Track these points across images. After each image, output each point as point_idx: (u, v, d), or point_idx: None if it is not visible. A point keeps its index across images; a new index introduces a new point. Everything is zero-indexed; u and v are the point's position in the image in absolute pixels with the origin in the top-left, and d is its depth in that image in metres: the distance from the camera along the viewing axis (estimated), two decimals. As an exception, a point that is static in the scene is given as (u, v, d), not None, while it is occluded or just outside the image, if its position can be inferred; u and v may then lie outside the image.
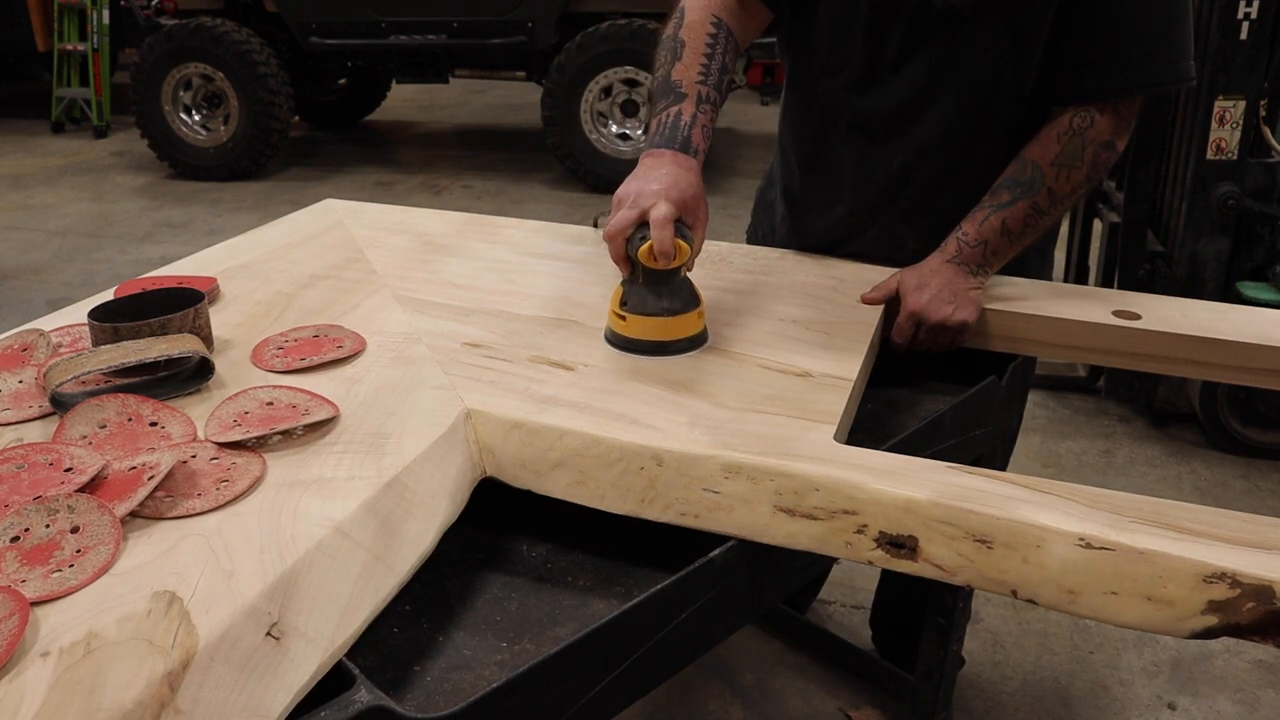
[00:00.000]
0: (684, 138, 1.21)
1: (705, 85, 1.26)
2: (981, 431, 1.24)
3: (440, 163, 6.33)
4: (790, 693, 1.96)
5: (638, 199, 1.12)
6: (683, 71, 1.27)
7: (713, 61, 1.28)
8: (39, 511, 0.80)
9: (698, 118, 1.23)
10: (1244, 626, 0.78)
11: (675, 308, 1.14)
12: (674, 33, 1.32)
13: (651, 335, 1.13)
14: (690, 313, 1.15)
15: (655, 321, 1.13)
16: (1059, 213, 1.31)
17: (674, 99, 1.25)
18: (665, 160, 1.18)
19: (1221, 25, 2.51)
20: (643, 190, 1.13)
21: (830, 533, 0.90)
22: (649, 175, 1.16)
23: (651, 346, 1.13)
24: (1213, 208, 2.66)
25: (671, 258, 1.09)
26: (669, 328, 1.13)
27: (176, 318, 1.09)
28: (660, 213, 1.09)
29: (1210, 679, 2.00)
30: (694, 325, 1.15)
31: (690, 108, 1.23)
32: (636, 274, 1.14)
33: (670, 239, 1.09)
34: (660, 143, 1.21)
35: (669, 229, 1.09)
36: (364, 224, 1.61)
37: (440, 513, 0.92)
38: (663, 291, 1.13)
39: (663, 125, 1.23)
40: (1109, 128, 1.27)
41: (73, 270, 4.42)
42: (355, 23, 5.73)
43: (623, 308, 1.15)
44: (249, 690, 0.70)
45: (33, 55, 7.43)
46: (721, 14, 1.33)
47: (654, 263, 1.10)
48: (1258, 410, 2.74)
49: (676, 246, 1.09)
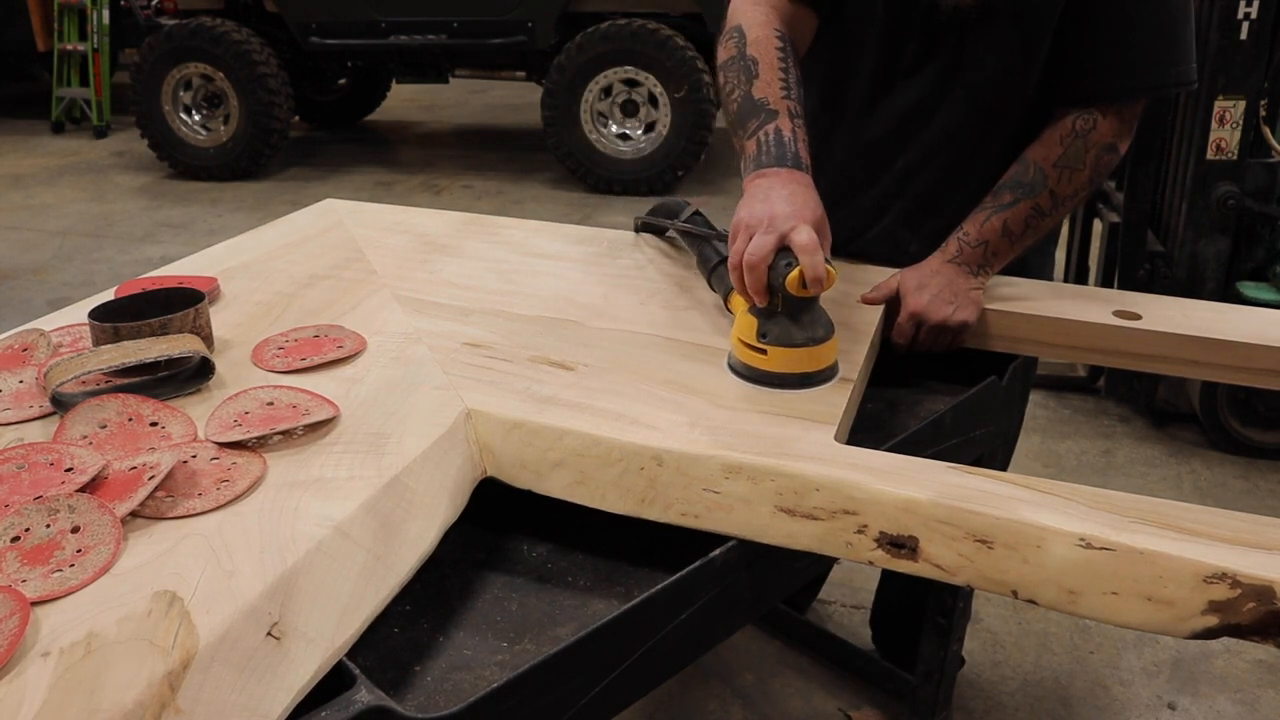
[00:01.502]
0: (794, 154, 1.15)
1: (790, 100, 1.21)
2: (982, 432, 1.24)
3: (440, 163, 6.33)
4: (790, 693, 1.96)
5: (772, 223, 1.05)
6: (764, 89, 1.21)
7: (789, 75, 1.23)
8: (39, 511, 0.80)
9: (797, 133, 1.18)
10: (1244, 626, 0.77)
11: (819, 336, 1.07)
12: (739, 52, 1.27)
13: (797, 368, 1.06)
14: (832, 340, 1.08)
15: (801, 353, 1.06)
16: (1060, 214, 1.31)
17: (765, 117, 1.19)
18: (784, 179, 1.11)
19: (1221, 25, 2.50)
20: (775, 214, 1.06)
21: (830, 533, 0.90)
22: (773, 197, 1.08)
23: (796, 380, 1.06)
24: (1213, 208, 2.66)
25: (824, 285, 1.03)
26: (814, 358, 1.07)
27: (176, 318, 1.09)
28: (805, 237, 1.02)
29: (1210, 679, 2.00)
30: (834, 353, 1.09)
31: (788, 123, 1.18)
32: (776, 303, 1.06)
33: (823, 265, 1.02)
34: (770, 162, 1.14)
35: (820, 254, 1.02)
36: (364, 224, 1.61)
37: (440, 513, 0.92)
38: (805, 321, 1.07)
39: (766, 144, 1.17)
40: (1111, 130, 1.28)
41: (73, 270, 4.42)
42: (355, 23, 5.73)
43: (762, 340, 1.07)
44: (249, 690, 0.70)
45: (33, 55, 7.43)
46: (781, 26, 1.29)
47: (803, 291, 1.03)
48: (1258, 410, 2.74)
49: (826, 273, 1.03)
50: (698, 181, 5.66)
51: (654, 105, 5.46)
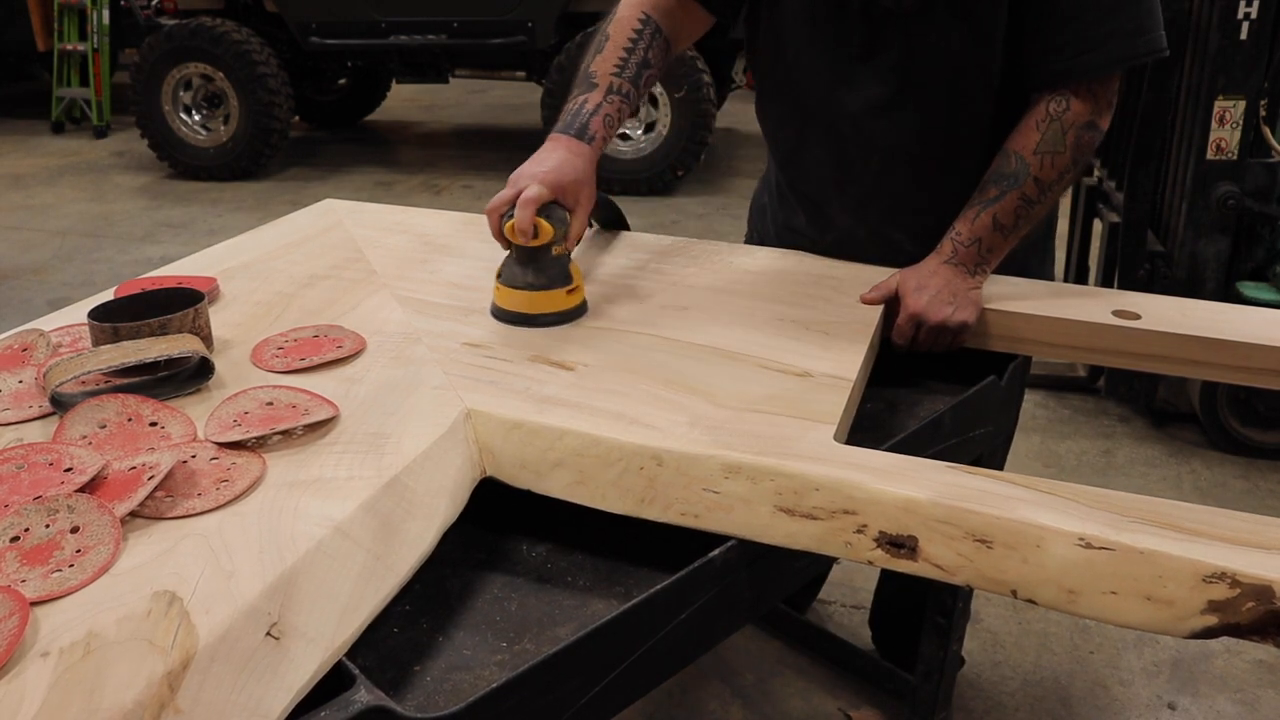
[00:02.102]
0: (581, 124, 1.27)
1: (619, 77, 1.32)
2: (981, 431, 1.24)
3: (440, 163, 6.33)
4: (790, 693, 1.96)
5: (518, 179, 1.20)
6: (600, 63, 1.33)
7: (632, 55, 1.33)
8: (39, 511, 0.80)
9: (602, 106, 1.29)
10: (1244, 626, 0.78)
11: (539, 284, 1.20)
12: (603, 28, 1.38)
13: (517, 307, 1.21)
14: (556, 290, 1.21)
15: (520, 294, 1.21)
16: (1049, 200, 1.31)
17: (585, 88, 1.31)
18: (559, 145, 1.25)
19: (1221, 25, 2.50)
20: (524, 172, 1.21)
21: (830, 533, 0.90)
22: (538, 159, 1.24)
23: (517, 317, 1.21)
24: (1213, 208, 2.66)
25: (530, 236, 1.17)
26: (533, 302, 1.20)
27: (176, 318, 1.09)
28: (528, 194, 1.17)
29: (1210, 679, 2.00)
30: (560, 302, 1.21)
31: (597, 97, 1.30)
32: (511, 248, 1.22)
33: (528, 218, 1.16)
34: (560, 128, 1.28)
35: (529, 209, 1.16)
36: (364, 224, 1.61)
37: (440, 513, 0.92)
38: (530, 268, 1.20)
39: (567, 113, 1.30)
40: (1087, 109, 1.27)
41: (73, 270, 4.42)
42: (355, 23, 5.73)
43: (498, 279, 1.23)
44: (249, 690, 0.70)
45: (33, 55, 7.43)
46: (652, 12, 1.37)
47: (516, 239, 1.19)
48: (1258, 410, 2.74)
49: (536, 226, 1.17)
50: (698, 181, 5.65)
51: (654, 105, 5.46)
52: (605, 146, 1.29)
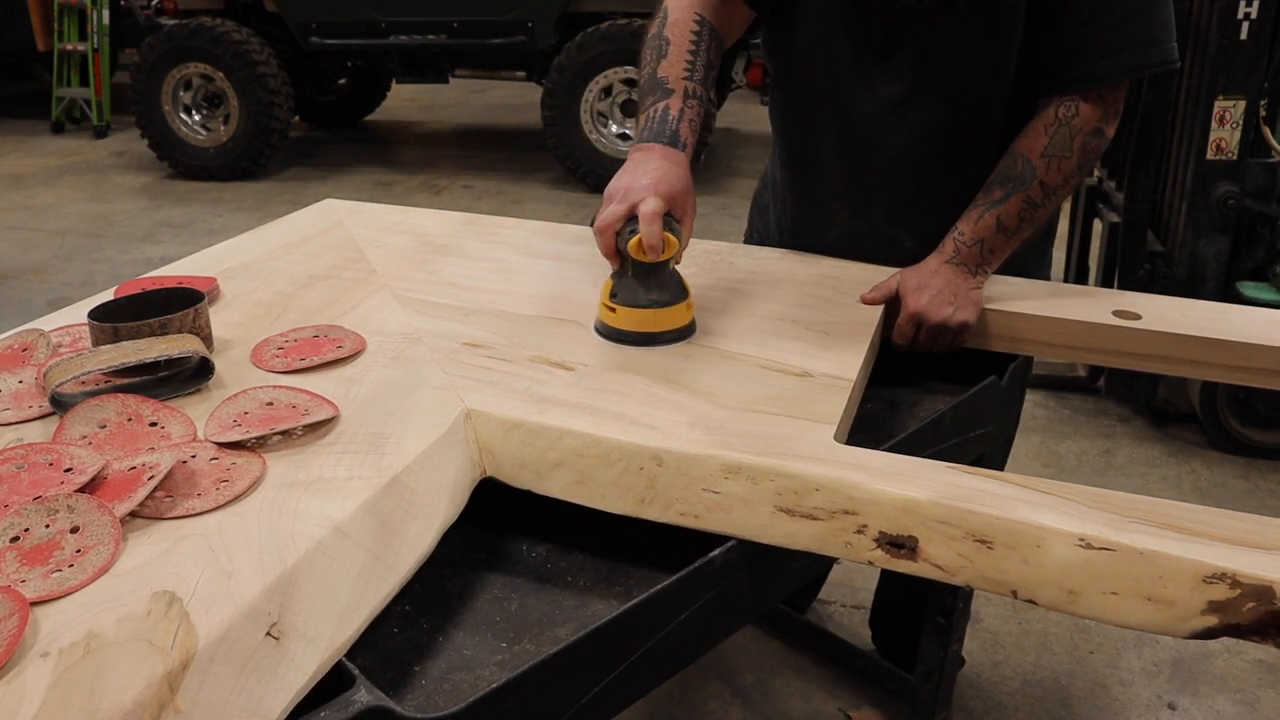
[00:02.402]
0: (672, 131, 1.23)
1: (691, 81, 1.28)
2: (981, 432, 1.24)
3: (440, 163, 6.33)
4: (790, 693, 1.96)
5: (627, 193, 1.14)
6: (669, 68, 1.29)
7: (698, 58, 1.30)
8: (39, 511, 0.80)
9: (685, 112, 1.25)
10: (1244, 627, 0.77)
11: (664, 300, 1.16)
12: (658, 31, 1.34)
13: (639, 327, 1.16)
14: (678, 305, 1.17)
15: (644, 314, 1.16)
16: (1053, 205, 1.31)
17: (661, 94, 1.27)
18: (654, 154, 1.20)
19: (1221, 25, 2.50)
20: (632, 185, 1.15)
21: (830, 533, 0.90)
22: (638, 170, 1.17)
23: (639, 338, 1.16)
24: (1213, 208, 2.66)
25: (660, 252, 1.12)
26: (657, 319, 1.16)
27: (176, 318, 1.09)
28: (649, 207, 1.11)
29: (1210, 679, 2.00)
30: (682, 317, 1.17)
31: (677, 102, 1.26)
32: (626, 267, 1.16)
33: (659, 233, 1.11)
34: (649, 137, 1.22)
35: (658, 223, 1.11)
36: (364, 224, 1.61)
37: (440, 513, 0.92)
38: (651, 284, 1.16)
39: (651, 120, 1.25)
40: (1095, 115, 1.27)
41: (73, 270, 4.42)
42: (355, 23, 5.73)
43: (612, 300, 1.17)
44: (249, 690, 0.70)
45: (33, 55, 7.42)
46: (704, 11, 1.35)
47: (643, 256, 1.13)
48: (1258, 410, 2.74)
49: (665, 240, 1.12)
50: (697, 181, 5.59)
51: (654, 105, 5.45)
52: (693, 152, 1.25)
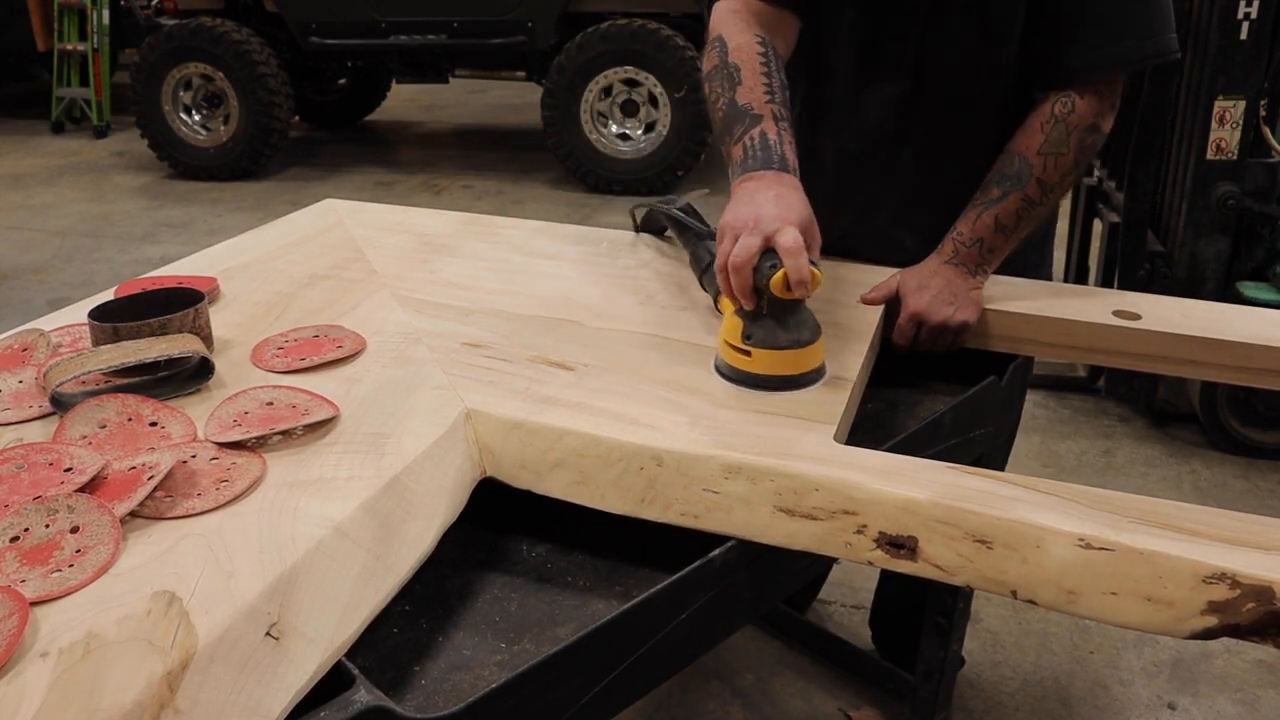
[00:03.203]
0: (780, 157, 1.14)
1: (774, 104, 1.21)
2: (982, 432, 1.24)
3: (440, 163, 6.33)
4: (790, 693, 1.96)
5: (758, 225, 1.04)
6: (747, 95, 1.21)
7: (773, 79, 1.23)
8: (39, 511, 0.80)
9: (783, 136, 1.18)
10: (1244, 627, 0.77)
11: (804, 339, 1.06)
12: (722, 60, 1.27)
13: (780, 370, 1.06)
14: (817, 343, 1.08)
15: (784, 355, 1.05)
16: (1051, 201, 1.31)
17: (750, 121, 1.19)
18: (770, 181, 1.11)
19: (1221, 25, 2.50)
20: (761, 215, 1.05)
21: (830, 533, 0.90)
22: (759, 199, 1.07)
23: (779, 382, 1.05)
24: (1213, 208, 2.66)
25: (809, 287, 1.02)
26: (798, 361, 1.06)
27: (176, 318, 1.09)
28: (791, 240, 1.01)
29: (1210, 679, 2.00)
30: (820, 356, 1.08)
31: (773, 127, 1.18)
32: (761, 305, 1.05)
33: (808, 267, 1.01)
34: (756, 165, 1.14)
35: (804, 256, 1.01)
36: (364, 224, 1.61)
37: (440, 513, 0.92)
38: (790, 323, 1.06)
39: (752, 148, 1.16)
40: (1092, 110, 1.27)
41: (73, 270, 4.42)
42: (355, 23, 5.73)
43: (746, 341, 1.06)
44: (248, 690, 0.70)
45: (33, 55, 7.42)
46: (762, 32, 1.30)
47: (787, 293, 1.02)
48: (1258, 410, 2.74)
49: (811, 275, 1.02)
50: (698, 182, 5.65)
51: (654, 105, 5.46)
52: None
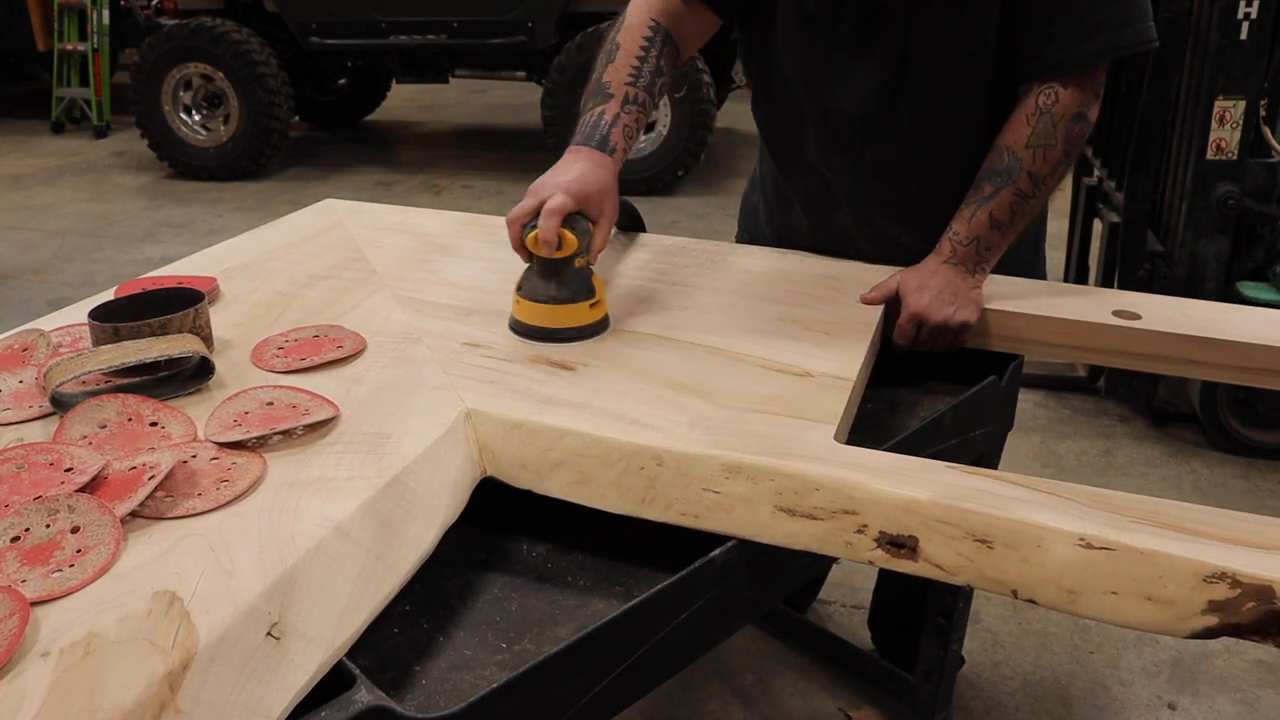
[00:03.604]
0: (602, 136, 1.25)
1: (634, 87, 1.31)
2: (981, 431, 1.24)
3: (440, 163, 6.33)
4: (790, 693, 1.96)
5: (540, 189, 1.17)
6: (614, 73, 1.32)
7: (645, 64, 1.33)
8: (39, 511, 0.80)
9: (620, 117, 1.28)
10: (1244, 626, 0.78)
11: (563, 297, 1.16)
12: (612, 36, 1.36)
13: (537, 321, 1.17)
14: (580, 303, 1.17)
15: (541, 308, 1.16)
16: (1044, 194, 1.31)
17: (601, 99, 1.30)
18: (580, 156, 1.23)
19: (1221, 25, 2.50)
20: (546, 182, 1.18)
21: (830, 533, 0.90)
22: (559, 169, 1.21)
23: (537, 332, 1.17)
24: (1213, 208, 2.66)
25: (554, 248, 1.13)
26: (555, 315, 1.16)
27: (176, 318, 1.09)
28: (552, 203, 1.14)
29: (1210, 679, 2.00)
30: (582, 316, 1.17)
31: (614, 108, 1.29)
32: (532, 260, 1.18)
33: (552, 229, 1.13)
34: (579, 140, 1.26)
35: (554, 219, 1.13)
36: (364, 224, 1.61)
37: (440, 513, 0.92)
38: (552, 281, 1.16)
39: (585, 124, 1.28)
40: (1076, 100, 1.27)
41: (73, 270, 4.42)
42: (355, 23, 5.73)
43: (517, 291, 1.19)
44: (249, 690, 0.70)
45: (33, 55, 7.42)
46: (660, 18, 1.36)
47: (539, 250, 1.14)
48: (1258, 410, 2.74)
49: (561, 237, 1.13)
50: (698, 181, 5.65)
51: (654, 105, 5.46)
52: (625, 157, 1.28)
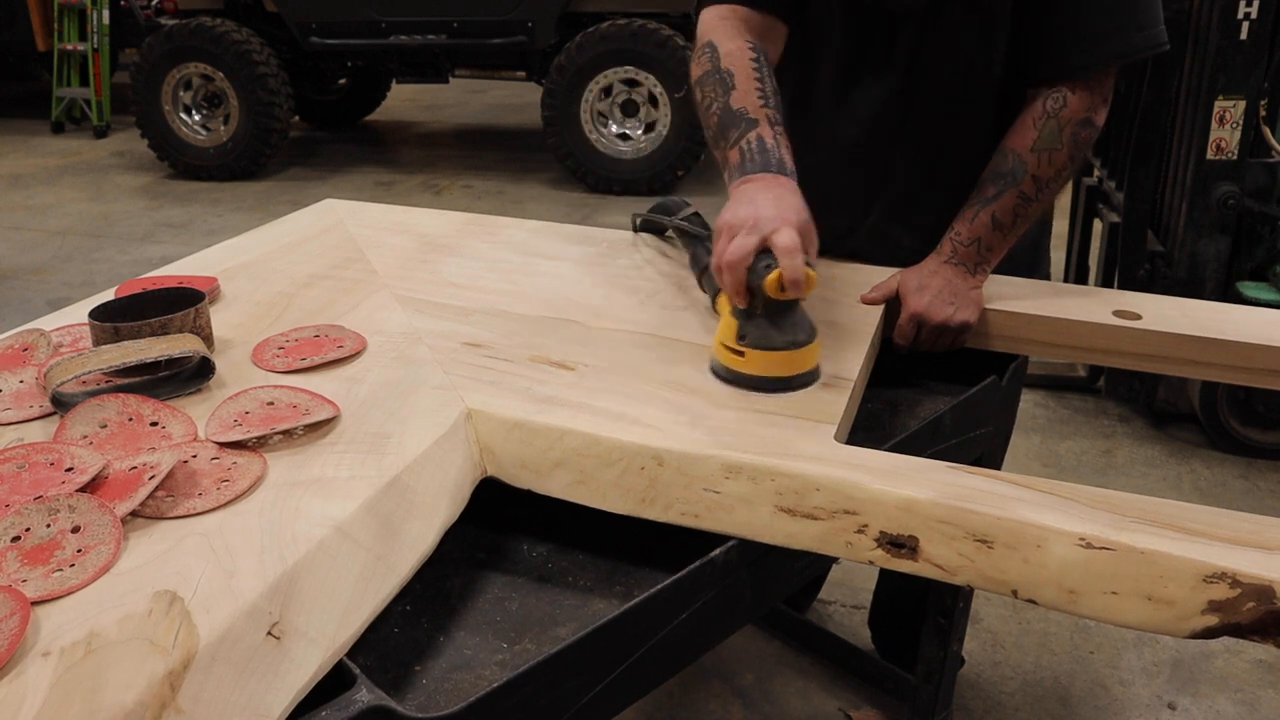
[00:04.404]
0: (778, 160, 1.16)
1: (769, 108, 1.22)
2: (982, 431, 1.24)
3: (440, 163, 6.33)
4: (790, 693, 1.96)
5: (756, 225, 1.04)
6: (742, 99, 1.22)
7: (765, 84, 1.24)
8: (40, 511, 0.80)
9: (779, 139, 1.19)
10: (1244, 626, 0.78)
11: (799, 340, 1.06)
12: (714, 66, 1.27)
13: (775, 371, 1.05)
14: (813, 344, 1.07)
15: (779, 356, 1.05)
16: (1047, 198, 1.31)
17: (746, 125, 1.20)
18: (768, 184, 1.11)
19: (1221, 25, 2.51)
20: (759, 215, 1.05)
21: (831, 533, 0.90)
22: (758, 200, 1.08)
23: (774, 383, 1.05)
24: (1213, 208, 2.66)
25: (804, 288, 1.02)
26: (793, 362, 1.06)
27: (177, 318, 1.09)
28: (787, 239, 1.02)
29: (1210, 679, 2.00)
30: (815, 357, 1.08)
31: (769, 130, 1.19)
32: (756, 305, 1.05)
33: (803, 268, 1.01)
34: (754, 168, 1.15)
35: (799, 256, 1.01)
36: (364, 224, 1.61)
37: (441, 512, 0.92)
38: (785, 324, 1.06)
39: (749, 151, 1.17)
40: (1084, 105, 1.27)
41: (73, 270, 4.42)
42: (355, 23, 5.73)
43: (741, 342, 1.06)
44: (250, 690, 0.70)
45: (33, 55, 7.43)
46: (753, 38, 1.30)
47: (780, 294, 1.02)
48: (1258, 410, 2.74)
49: (806, 276, 1.02)
50: (698, 181, 5.66)
51: (654, 105, 5.47)
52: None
